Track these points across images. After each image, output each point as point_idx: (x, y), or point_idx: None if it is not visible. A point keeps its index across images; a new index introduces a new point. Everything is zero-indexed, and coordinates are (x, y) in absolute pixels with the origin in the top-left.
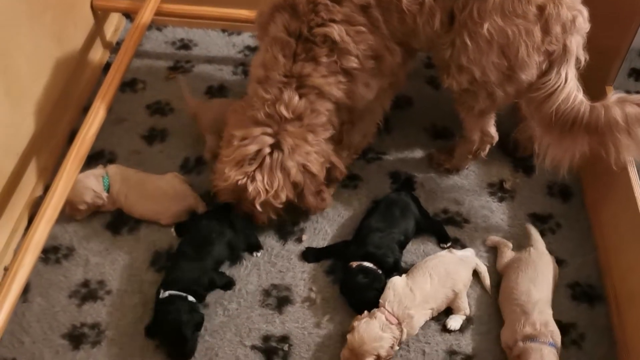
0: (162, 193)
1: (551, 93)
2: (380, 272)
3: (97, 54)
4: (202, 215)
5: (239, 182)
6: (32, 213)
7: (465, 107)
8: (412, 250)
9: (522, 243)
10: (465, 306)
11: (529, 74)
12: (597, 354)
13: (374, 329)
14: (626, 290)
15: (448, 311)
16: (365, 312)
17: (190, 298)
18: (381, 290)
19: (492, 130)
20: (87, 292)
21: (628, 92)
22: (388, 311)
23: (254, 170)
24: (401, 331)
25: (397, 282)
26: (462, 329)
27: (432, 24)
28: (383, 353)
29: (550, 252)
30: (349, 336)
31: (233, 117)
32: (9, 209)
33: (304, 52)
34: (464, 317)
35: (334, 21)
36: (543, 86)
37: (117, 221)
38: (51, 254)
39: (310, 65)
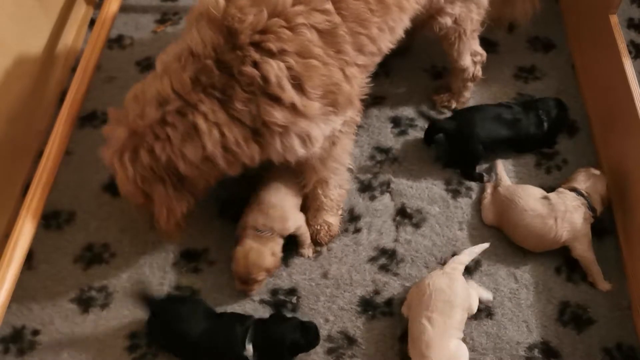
0: None
1: None
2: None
3: (81, 11)
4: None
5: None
6: (28, 178)
7: (458, 34)
8: (417, 195)
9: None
10: (478, 297)
11: None
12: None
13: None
14: (636, 223)
15: None
16: None
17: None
18: None
19: (480, 48)
20: (92, 256)
21: (631, 19)
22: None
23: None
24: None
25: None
26: (475, 276)
27: None
28: None
29: None
30: None
31: None
32: (5, 176)
33: (218, 89)
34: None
35: (276, 55)
36: None
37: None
38: (52, 219)
39: (213, 104)
